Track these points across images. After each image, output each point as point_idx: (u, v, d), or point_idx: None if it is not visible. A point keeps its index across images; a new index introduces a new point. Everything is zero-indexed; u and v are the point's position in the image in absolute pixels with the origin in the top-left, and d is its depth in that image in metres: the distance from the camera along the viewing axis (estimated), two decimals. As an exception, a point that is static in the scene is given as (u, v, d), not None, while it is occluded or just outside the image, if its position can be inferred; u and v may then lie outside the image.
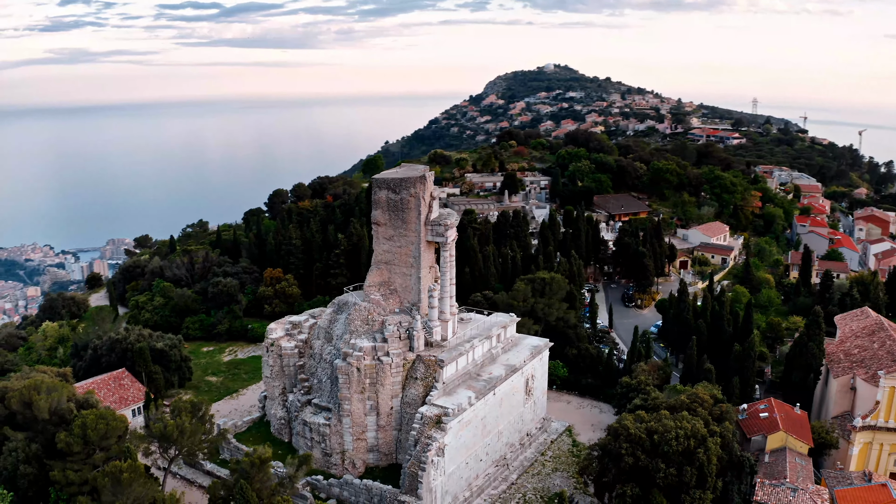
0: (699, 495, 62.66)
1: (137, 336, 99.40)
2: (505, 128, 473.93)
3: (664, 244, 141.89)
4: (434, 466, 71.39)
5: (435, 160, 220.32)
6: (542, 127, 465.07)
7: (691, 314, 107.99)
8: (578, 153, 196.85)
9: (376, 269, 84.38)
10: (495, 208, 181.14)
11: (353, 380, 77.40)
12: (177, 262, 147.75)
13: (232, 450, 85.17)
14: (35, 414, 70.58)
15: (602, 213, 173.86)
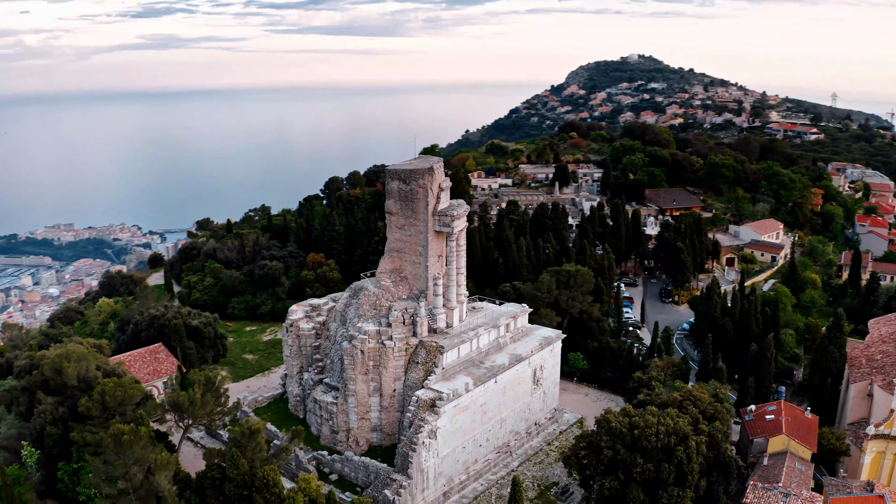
0: (677, 493, 62.93)
1: (174, 313, 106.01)
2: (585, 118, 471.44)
3: (706, 240, 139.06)
4: (425, 448, 74.03)
5: (491, 150, 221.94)
6: (622, 118, 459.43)
7: (719, 312, 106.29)
8: (633, 146, 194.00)
9: (388, 257, 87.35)
10: (545, 200, 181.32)
11: (357, 361, 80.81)
12: (229, 244, 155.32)
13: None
14: (64, 380, 77.14)
15: (652, 208, 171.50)
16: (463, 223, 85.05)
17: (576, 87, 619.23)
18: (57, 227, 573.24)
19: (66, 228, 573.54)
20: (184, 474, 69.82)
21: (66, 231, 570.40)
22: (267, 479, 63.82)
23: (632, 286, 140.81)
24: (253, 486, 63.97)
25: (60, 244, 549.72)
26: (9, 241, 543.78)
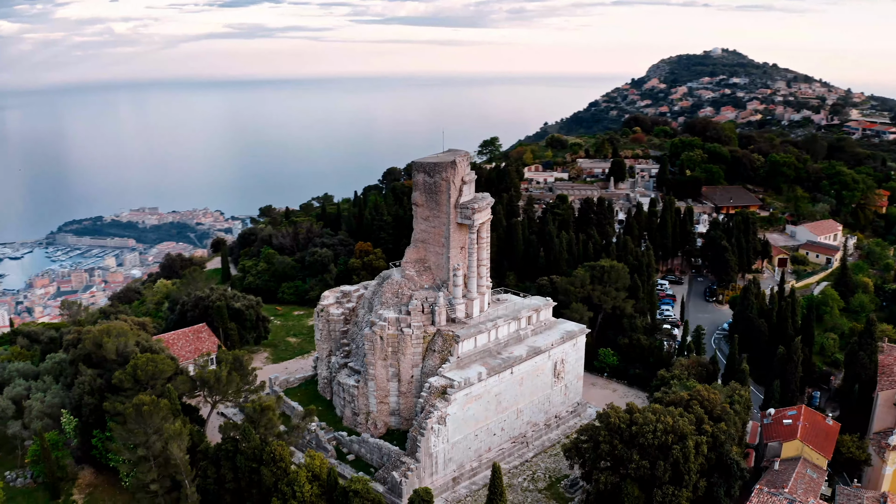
0: (672, 491, 62.78)
1: (219, 295, 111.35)
2: (664, 113, 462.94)
3: (755, 239, 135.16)
4: (434, 433, 76.09)
5: (551, 144, 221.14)
6: (702, 113, 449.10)
7: (755, 312, 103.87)
8: (692, 142, 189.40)
9: (414, 247, 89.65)
10: (599, 195, 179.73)
11: (377, 347, 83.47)
12: (283, 231, 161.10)
13: (282, 402, 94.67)
14: (104, 354, 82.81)
15: (707, 205, 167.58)
16: (485, 216, 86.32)
17: (656, 80, 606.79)
18: (142, 211, 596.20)
19: (151, 212, 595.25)
20: (205, 445, 74.30)
21: (151, 214, 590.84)
22: (274, 454, 67.30)
23: (677, 284, 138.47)
24: (262, 460, 67.60)
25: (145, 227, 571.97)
26: (94, 223, 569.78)
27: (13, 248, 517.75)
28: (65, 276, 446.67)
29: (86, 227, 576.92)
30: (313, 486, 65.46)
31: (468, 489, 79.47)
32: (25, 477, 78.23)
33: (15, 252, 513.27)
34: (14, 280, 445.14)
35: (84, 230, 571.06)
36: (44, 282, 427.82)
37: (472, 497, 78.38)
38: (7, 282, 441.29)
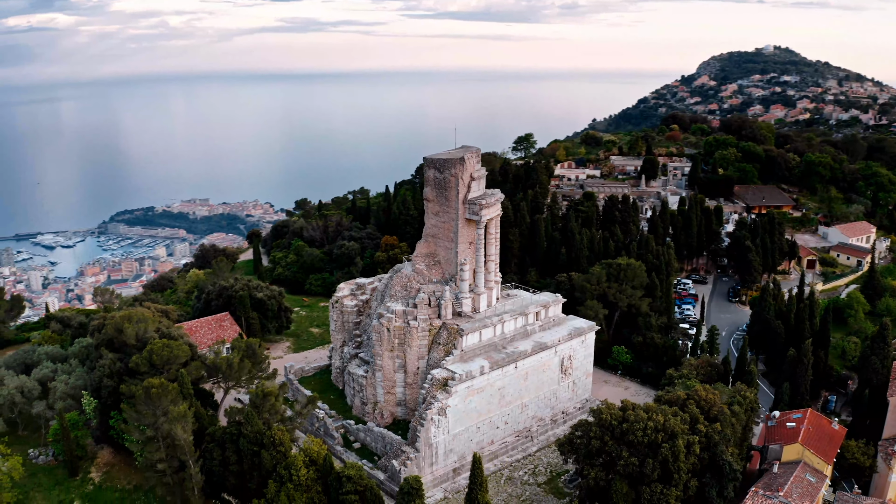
0: (661, 490, 62.84)
1: (242, 285, 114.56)
2: (714, 111, 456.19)
3: (781, 239, 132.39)
4: (435, 424, 77.45)
5: (586, 141, 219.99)
6: (751, 111, 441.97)
7: (772, 314, 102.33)
8: (726, 140, 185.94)
9: (424, 242, 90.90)
10: (629, 192, 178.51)
11: (384, 338, 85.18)
12: (313, 224, 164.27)
13: (294, 390, 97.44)
14: (124, 339, 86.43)
15: (739, 205, 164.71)
16: (493, 212, 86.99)
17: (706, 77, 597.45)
18: (193, 202, 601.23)
19: (202, 203, 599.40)
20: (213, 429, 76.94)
21: (202, 206, 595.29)
22: (274, 438, 69.46)
23: (701, 283, 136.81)
24: (263, 444, 69.91)
25: (195, 218, 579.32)
26: (146, 213, 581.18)
27: (66, 237, 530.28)
28: (115, 265, 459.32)
29: (137, 218, 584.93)
30: (310, 470, 67.31)
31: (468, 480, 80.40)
32: (47, 455, 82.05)
33: (68, 241, 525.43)
34: (66, 268, 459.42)
35: (136, 220, 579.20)
36: (94, 270, 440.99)
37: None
38: (59, 269, 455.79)
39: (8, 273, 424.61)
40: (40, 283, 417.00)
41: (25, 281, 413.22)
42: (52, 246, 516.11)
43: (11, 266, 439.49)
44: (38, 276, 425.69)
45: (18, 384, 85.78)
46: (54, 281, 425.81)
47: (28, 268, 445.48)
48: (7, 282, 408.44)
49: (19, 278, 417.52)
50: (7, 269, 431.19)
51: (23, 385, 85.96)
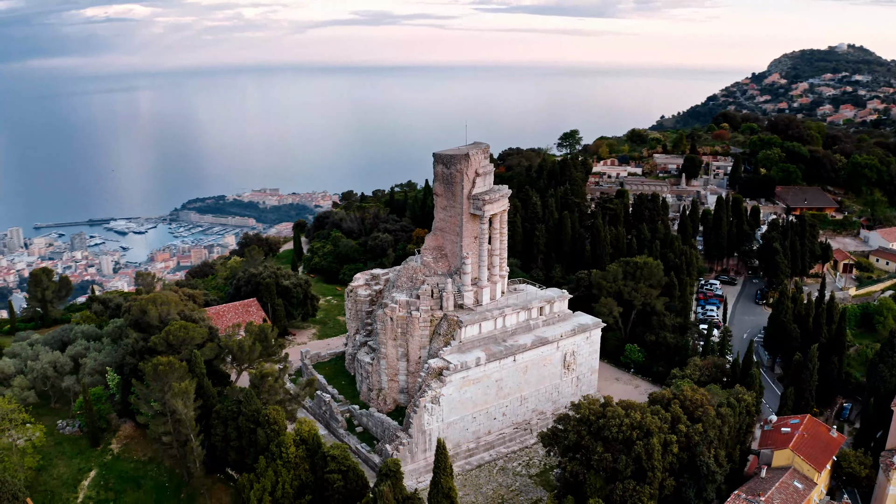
0: (633, 486, 63.24)
1: (270, 273, 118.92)
2: (783, 109, 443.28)
3: (814, 242, 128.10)
4: (428, 412, 79.56)
5: (632, 139, 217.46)
6: (820, 111, 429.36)
7: (789, 317, 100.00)
8: (770, 140, 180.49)
9: (433, 235, 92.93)
10: (669, 191, 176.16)
11: (387, 327, 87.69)
12: (351, 216, 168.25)
13: (308, 373, 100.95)
14: (148, 320, 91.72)
15: (780, 206, 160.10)
16: (497, 208, 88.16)
17: (777, 75, 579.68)
18: (263, 192, 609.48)
19: (272, 193, 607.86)
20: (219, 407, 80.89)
21: (272, 195, 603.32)
22: (269, 417, 72.90)
23: (730, 284, 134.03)
24: (258, 422, 73.37)
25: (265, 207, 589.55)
26: (217, 201, 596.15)
27: (138, 223, 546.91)
28: (185, 252, 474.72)
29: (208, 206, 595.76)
30: (300, 449, 70.41)
31: (462, 468, 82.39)
32: (73, 426, 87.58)
33: (140, 227, 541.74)
34: (138, 253, 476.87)
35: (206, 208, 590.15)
36: (164, 256, 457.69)
37: (463, 476, 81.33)
38: (130, 255, 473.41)
39: (80, 257, 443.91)
40: (111, 267, 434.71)
41: (97, 265, 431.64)
42: (124, 232, 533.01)
43: (84, 250, 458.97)
44: (109, 260, 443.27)
45: (52, 359, 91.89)
46: (125, 266, 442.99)
47: (100, 252, 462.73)
48: (79, 265, 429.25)
49: (91, 262, 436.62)
50: (80, 252, 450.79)
51: (56, 360, 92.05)
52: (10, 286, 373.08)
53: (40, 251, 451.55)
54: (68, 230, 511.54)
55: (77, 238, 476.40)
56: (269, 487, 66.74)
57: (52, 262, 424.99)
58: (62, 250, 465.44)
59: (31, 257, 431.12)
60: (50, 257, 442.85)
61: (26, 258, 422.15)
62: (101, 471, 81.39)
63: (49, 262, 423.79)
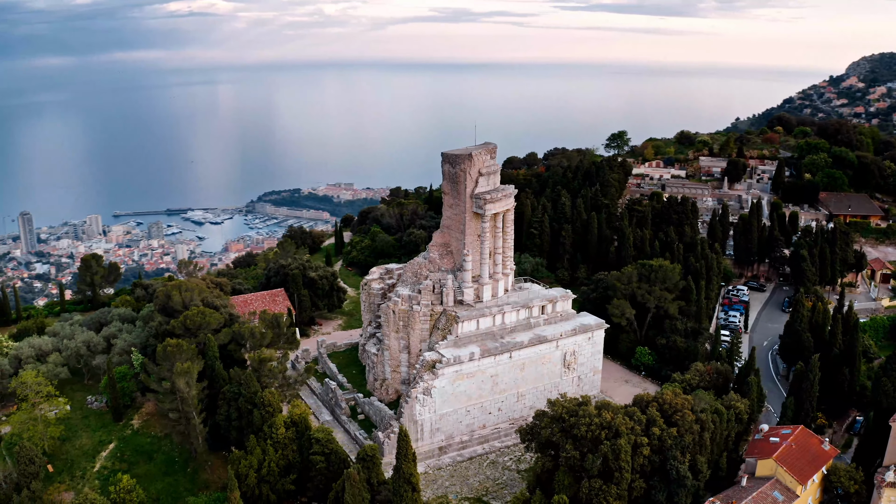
0: (600, 486, 63.47)
1: (298, 265, 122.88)
2: (860, 114, 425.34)
3: (847, 250, 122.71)
4: (420, 403, 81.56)
5: (680, 140, 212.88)
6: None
7: (803, 326, 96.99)
8: (817, 145, 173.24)
9: (440, 232, 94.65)
10: (710, 194, 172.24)
11: (390, 320, 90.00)
12: (391, 212, 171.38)
13: (322, 362, 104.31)
14: (173, 305, 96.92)
15: (822, 212, 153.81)
16: (500, 207, 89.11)
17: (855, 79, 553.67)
18: (337, 186, 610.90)
19: (346, 187, 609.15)
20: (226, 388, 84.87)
21: (346, 190, 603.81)
22: (264, 399, 76.38)
23: (759, 291, 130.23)
24: (255, 404, 76.88)
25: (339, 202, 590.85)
26: (292, 194, 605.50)
27: (215, 214, 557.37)
28: (259, 243, 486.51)
29: (284, 199, 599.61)
30: (289, 430, 73.62)
31: (453, 459, 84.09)
32: (101, 401, 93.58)
33: (216, 217, 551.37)
34: (213, 243, 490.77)
35: (282, 201, 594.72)
36: (238, 247, 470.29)
37: (453, 466, 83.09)
38: (206, 244, 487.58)
39: (156, 245, 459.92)
40: (186, 256, 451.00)
41: (172, 254, 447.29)
42: (201, 222, 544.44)
43: (161, 239, 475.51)
44: (184, 249, 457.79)
45: (86, 339, 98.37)
46: (200, 255, 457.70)
47: (176, 241, 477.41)
48: (155, 253, 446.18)
49: (167, 251, 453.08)
50: (156, 241, 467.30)
51: (90, 340, 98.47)
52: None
53: (118, 238, 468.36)
54: (146, 219, 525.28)
55: (154, 227, 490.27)
56: (256, 465, 70.14)
57: (128, 250, 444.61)
58: (139, 238, 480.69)
59: (109, 244, 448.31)
60: (127, 245, 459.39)
61: (103, 245, 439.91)
62: (120, 444, 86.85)
63: (126, 250, 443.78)
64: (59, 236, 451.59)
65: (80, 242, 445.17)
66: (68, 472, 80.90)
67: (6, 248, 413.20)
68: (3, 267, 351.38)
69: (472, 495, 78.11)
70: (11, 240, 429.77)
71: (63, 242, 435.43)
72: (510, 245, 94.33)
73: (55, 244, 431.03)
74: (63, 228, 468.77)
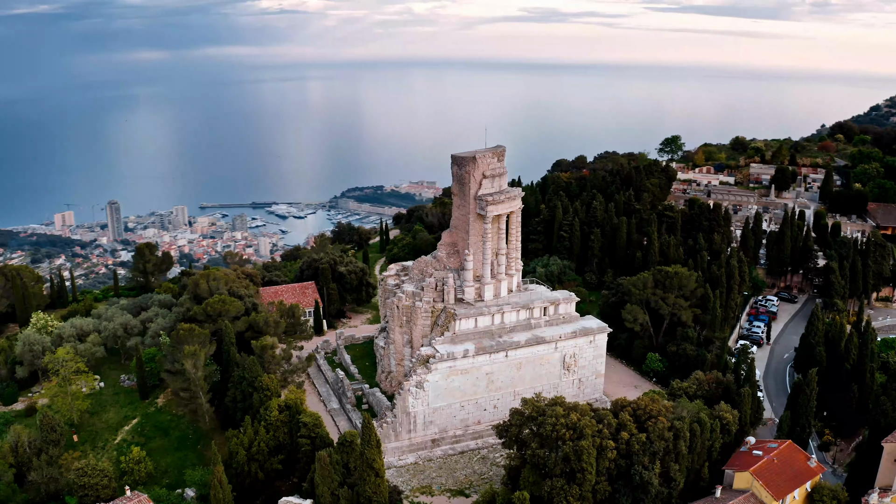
0: (562, 485, 63.48)
1: (328, 260, 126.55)
2: None
3: (882, 264, 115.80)
4: (412, 395, 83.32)
5: (734, 146, 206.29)
6: None
7: (818, 339, 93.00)
8: (870, 154, 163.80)
9: (449, 232, 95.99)
10: (755, 202, 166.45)
11: (395, 315, 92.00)
12: (434, 211, 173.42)
13: (340, 353, 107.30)
14: (200, 293, 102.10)
15: (869, 223, 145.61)
16: (502, 209, 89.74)
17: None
18: (420, 184, 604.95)
19: (429, 185, 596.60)
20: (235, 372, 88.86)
21: (428, 188, 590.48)
22: (263, 383, 79.84)
23: (789, 302, 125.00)
24: (255, 387, 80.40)
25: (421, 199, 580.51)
26: (375, 191, 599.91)
27: (299, 208, 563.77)
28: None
29: (367, 195, 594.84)
30: (282, 414, 76.64)
31: (445, 452, 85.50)
32: (132, 380, 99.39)
33: (300, 212, 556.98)
34: (296, 237, 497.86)
35: (365, 197, 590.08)
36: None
37: (443, 459, 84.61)
38: (289, 238, 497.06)
39: (240, 237, 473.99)
40: (269, 249, 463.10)
41: (255, 246, 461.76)
42: (285, 216, 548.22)
43: (244, 231, 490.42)
44: (267, 242, 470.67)
45: (124, 321, 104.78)
46: (282, 248, 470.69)
47: (259, 234, 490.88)
48: (238, 245, 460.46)
49: (249, 243, 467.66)
50: (240, 233, 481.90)
51: (127, 323, 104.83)
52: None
53: (202, 229, 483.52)
54: (232, 211, 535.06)
55: (239, 219, 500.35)
56: (247, 443, 73.49)
57: (212, 241, 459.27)
58: (223, 230, 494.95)
59: (193, 235, 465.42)
60: (211, 236, 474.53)
61: (188, 235, 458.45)
62: (142, 419, 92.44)
63: (209, 241, 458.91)
64: (145, 225, 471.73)
65: (165, 232, 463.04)
66: (91, 442, 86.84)
67: (94, 235, 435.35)
68: (90, 253, 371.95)
69: (456, 487, 79.33)
70: (100, 227, 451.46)
71: (149, 231, 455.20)
72: (516, 246, 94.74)
73: (141, 233, 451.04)
74: (150, 218, 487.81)
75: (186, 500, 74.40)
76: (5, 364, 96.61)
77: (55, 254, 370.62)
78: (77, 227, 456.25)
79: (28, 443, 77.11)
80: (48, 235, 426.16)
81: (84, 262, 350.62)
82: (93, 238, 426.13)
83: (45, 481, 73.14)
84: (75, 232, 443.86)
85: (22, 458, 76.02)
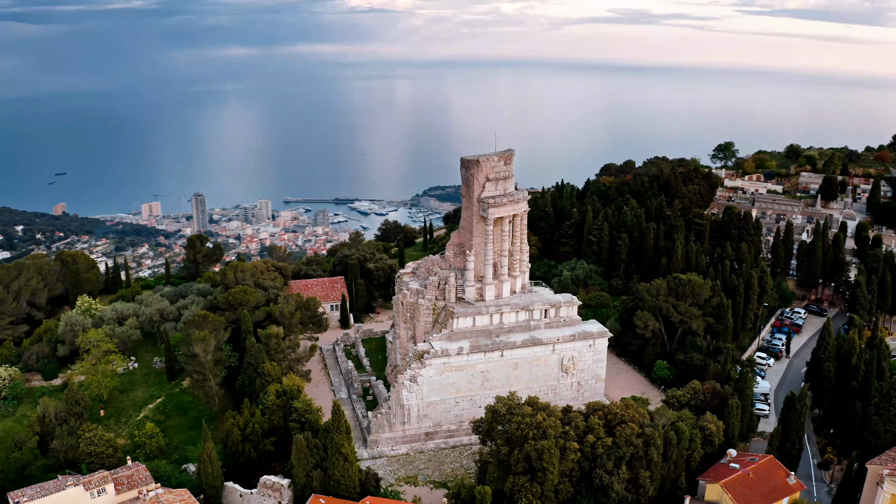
0: (523, 482, 63.29)
1: (358, 256, 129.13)
2: None
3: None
4: (406, 389, 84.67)
5: (788, 155, 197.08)
6: None
7: (829, 353, 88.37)
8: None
9: (457, 232, 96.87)
10: (800, 212, 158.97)
11: (400, 311, 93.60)
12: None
13: (357, 346, 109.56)
14: (227, 283, 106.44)
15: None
16: (505, 212, 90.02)
17: None
18: None
19: None
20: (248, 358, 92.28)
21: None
22: (265, 369, 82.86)
23: (818, 315, 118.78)
24: (259, 373, 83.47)
25: None
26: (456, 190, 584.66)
27: (381, 206, 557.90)
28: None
29: (447, 194, 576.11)
30: (280, 399, 79.41)
31: (437, 446, 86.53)
32: (162, 362, 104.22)
33: (382, 209, 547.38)
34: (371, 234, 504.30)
35: (446, 196, 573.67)
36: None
37: (434, 452, 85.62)
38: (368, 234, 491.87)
39: (321, 232, 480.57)
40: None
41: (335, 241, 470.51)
42: (366, 212, 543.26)
43: (326, 226, 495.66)
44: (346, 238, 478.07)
45: (160, 307, 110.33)
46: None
47: (340, 229, 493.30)
48: (318, 240, 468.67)
49: (330, 238, 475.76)
50: (321, 228, 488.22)
51: (163, 309, 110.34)
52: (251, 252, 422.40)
53: (285, 223, 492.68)
54: (314, 206, 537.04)
55: (321, 214, 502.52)
56: (242, 424, 76.53)
57: (293, 235, 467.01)
58: (305, 224, 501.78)
59: (276, 228, 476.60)
60: (293, 230, 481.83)
61: (270, 228, 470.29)
62: (166, 399, 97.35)
63: (291, 235, 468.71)
64: (230, 218, 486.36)
65: (248, 225, 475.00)
66: (116, 417, 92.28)
67: (178, 225, 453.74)
68: (173, 244, 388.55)
69: (440, 480, 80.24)
70: (185, 218, 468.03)
71: (233, 224, 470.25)
72: (522, 248, 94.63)
73: (225, 225, 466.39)
74: (234, 211, 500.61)
75: (187, 474, 78.17)
76: (49, 342, 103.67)
77: (139, 242, 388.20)
78: (163, 217, 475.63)
79: (55, 414, 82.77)
80: (134, 225, 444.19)
81: (167, 251, 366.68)
82: (177, 228, 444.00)
83: (65, 449, 78.49)
84: (161, 222, 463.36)
85: (48, 427, 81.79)
